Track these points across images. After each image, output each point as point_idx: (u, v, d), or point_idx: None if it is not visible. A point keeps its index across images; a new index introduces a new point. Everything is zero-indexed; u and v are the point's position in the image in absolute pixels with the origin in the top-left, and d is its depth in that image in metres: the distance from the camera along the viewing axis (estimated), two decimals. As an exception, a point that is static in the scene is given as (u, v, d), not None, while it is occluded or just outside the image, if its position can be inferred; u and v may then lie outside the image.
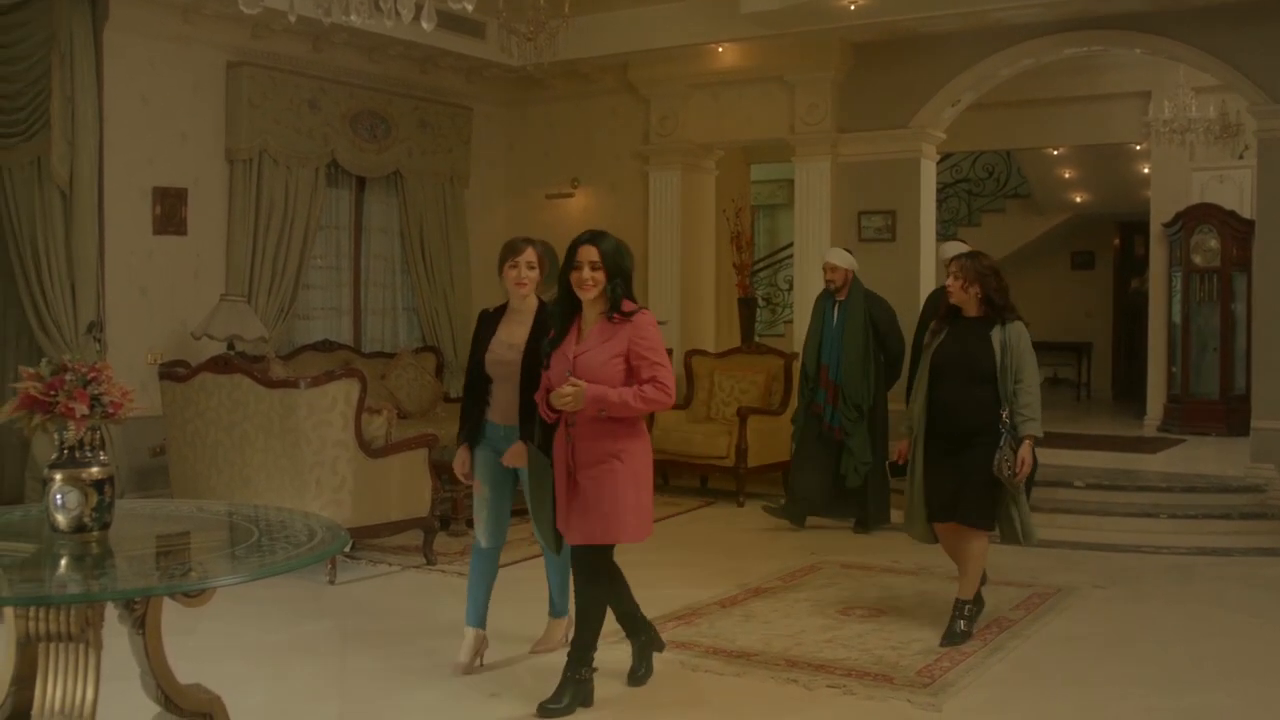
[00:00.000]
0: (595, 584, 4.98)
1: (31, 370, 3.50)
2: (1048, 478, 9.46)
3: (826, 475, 8.79)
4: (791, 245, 12.07)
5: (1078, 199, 16.84)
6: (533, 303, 5.46)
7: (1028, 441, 5.81)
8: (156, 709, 3.70)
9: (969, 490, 5.85)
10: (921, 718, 4.92)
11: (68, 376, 3.47)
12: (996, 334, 5.87)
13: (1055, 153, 15.46)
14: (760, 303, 14.13)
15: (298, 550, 3.59)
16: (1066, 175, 16.33)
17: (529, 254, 5.41)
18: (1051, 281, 17.87)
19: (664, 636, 6.02)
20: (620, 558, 7.58)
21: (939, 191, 12.27)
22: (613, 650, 5.81)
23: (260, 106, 9.73)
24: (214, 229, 9.60)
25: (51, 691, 3.30)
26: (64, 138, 8.46)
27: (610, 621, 5.10)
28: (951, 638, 5.91)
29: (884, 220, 10.60)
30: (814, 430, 8.84)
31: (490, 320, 5.52)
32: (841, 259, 8.88)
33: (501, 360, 5.37)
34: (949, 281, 5.99)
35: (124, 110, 8.93)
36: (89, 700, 3.31)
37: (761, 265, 15.58)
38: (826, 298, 8.93)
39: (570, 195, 12.01)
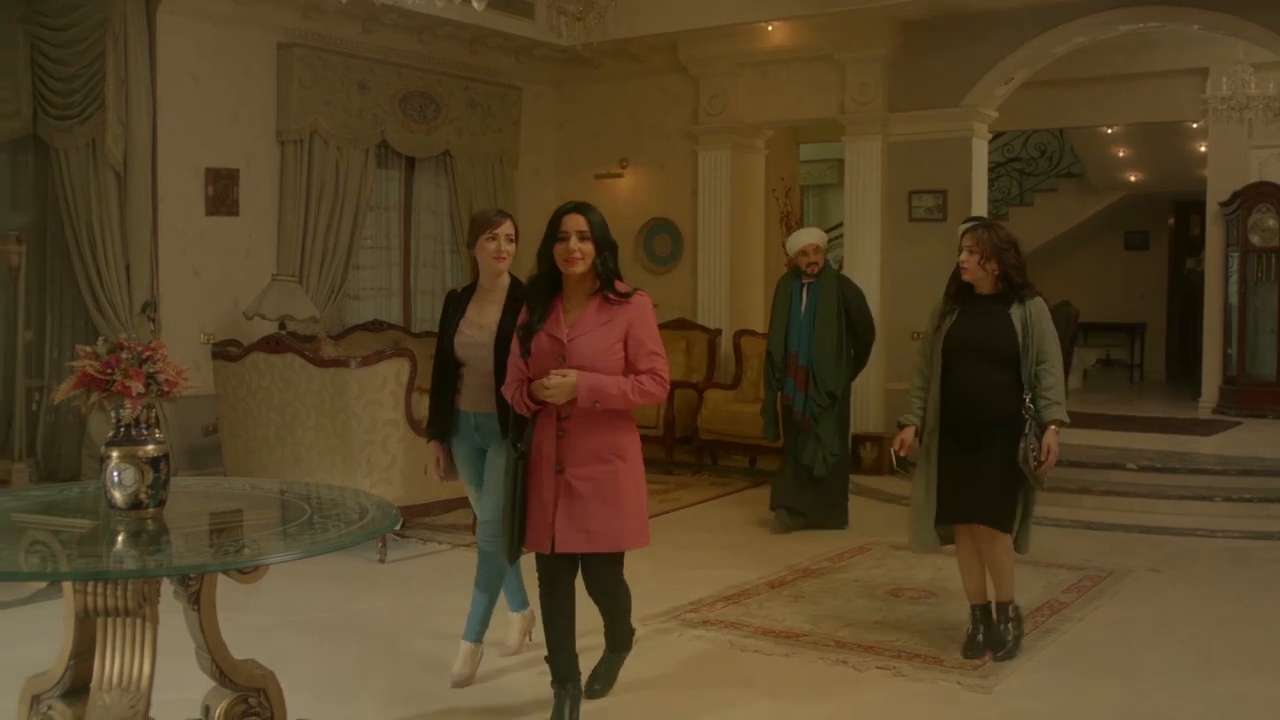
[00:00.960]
0: (619, 595, 4.64)
1: (88, 349, 3.54)
2: (1100, 460, 9.41)
3: (798, 467, 8.19)
4: (841, 225, 12.00)
5: (1132, 178, 16.62)
6: (505, 281, 5.03)
7: (1053, 428, 5.20)
8: (211, 684, 3.74)
9: (992, 487, 5.25)
10: (971, 700, 4.89)
11: (124, 355, 3.50)
12: (1016, 312, 5.28)
13: (1109, 131, 15.25)
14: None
15: (349, 528, 3.61)
16: (1121, 154, 16.12)
17: (508, 226, 4.97)
18: (1105, 262, 17.67)
19: (712, 616, 6.04)
20: (668, 540, 7.60)
21: (990, 171, 12.13)
22: (661, 627, 5.83)
23: (311, 87, 9.78)
24: (265, 209, 9.67)
25: (110, 665, 3.34)
26: (118, 119, 8.55)
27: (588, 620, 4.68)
28: (1003, 648, 5.38)
29: (935, 200, 10.52)
30: (786, 421, 8.26)
31: (459, 300, 5.08)
32: (822, 239, 8.36)
33: (472, 342, 4.93)
34: (962, 256, 5.35)
35: (176, 92, 9.01)
36: (146, 674, 3.36)
37: (811, 245, 15.48)
38: (793, 280, 8.27)
39: (619, 175, 12.00)
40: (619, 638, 4.80)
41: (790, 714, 4.74)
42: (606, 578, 4.52)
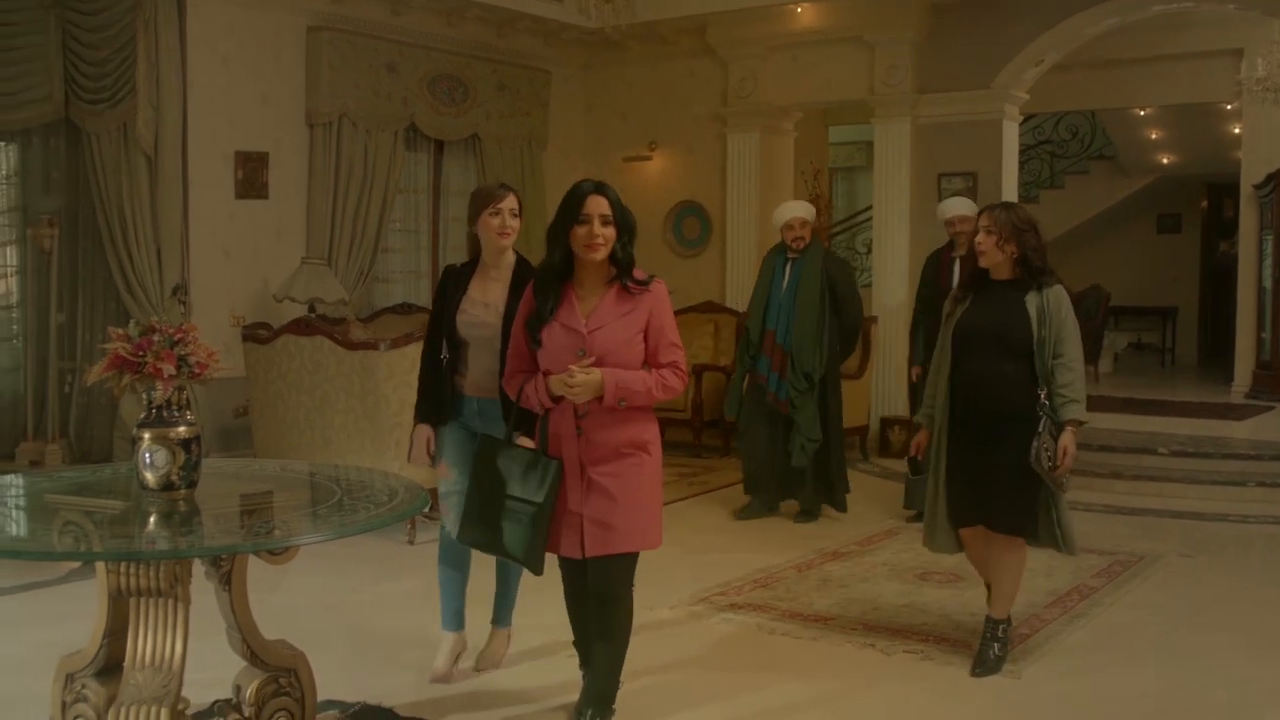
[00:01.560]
0: (626, 601, 4.18)
1: (120, 331, 3.56)
2: (1131, 445, 9.35)
3: (772, 453, 7.77)
4: (870, 208, 11.95)
5: (1164, 160, 16.48)
6: (510, 258, 4.72)
7: (1070, 428, 4.80)
8: (242, 664, 3.77)
9: (1003, 488, 4.85)
10: (1001, 684, 4.87)
11: (155, 337, 3.52)
12: (1033, 300, 4.86)
13: (1142, 113, 15.12)
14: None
15: (378, 510, 3.62)
16: (1153, 136, 15.98)
17: (512, 200, 4.66)
18: (1136, 245, 17.54)
19: (740, 599, 6.04)
20: (695, 523, 7.60)
21: (1021, 153, 12.05)
22: (689, 611, 5.84)
23: (340, 70, 9.79)
24: (295, 192, 9.70)
25: (142, 644, 3.37)
26: (149, 103, 8.59)
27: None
28: (985, 665, 4.96)
29: (964, 182, 10.46)
30: (756, 402, 7.75)
31: (459, 277, 4.75)
32: (809, 212, 7.86)
33: (478, 322, 4.63)
34: (979, 238, 4.93)
35: (206, 75, 9.04)
36: (178, 653, 3.38)
37: (840, 228, 15.47)
38: (778, 254, 7.80)
39: (648, 158, 11.98)
40: (609, 679, 4.17)
41: (818, 697, 4.74)
42: (619, 581, 4.10)
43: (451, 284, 4.74)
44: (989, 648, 5.02)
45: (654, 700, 4.61)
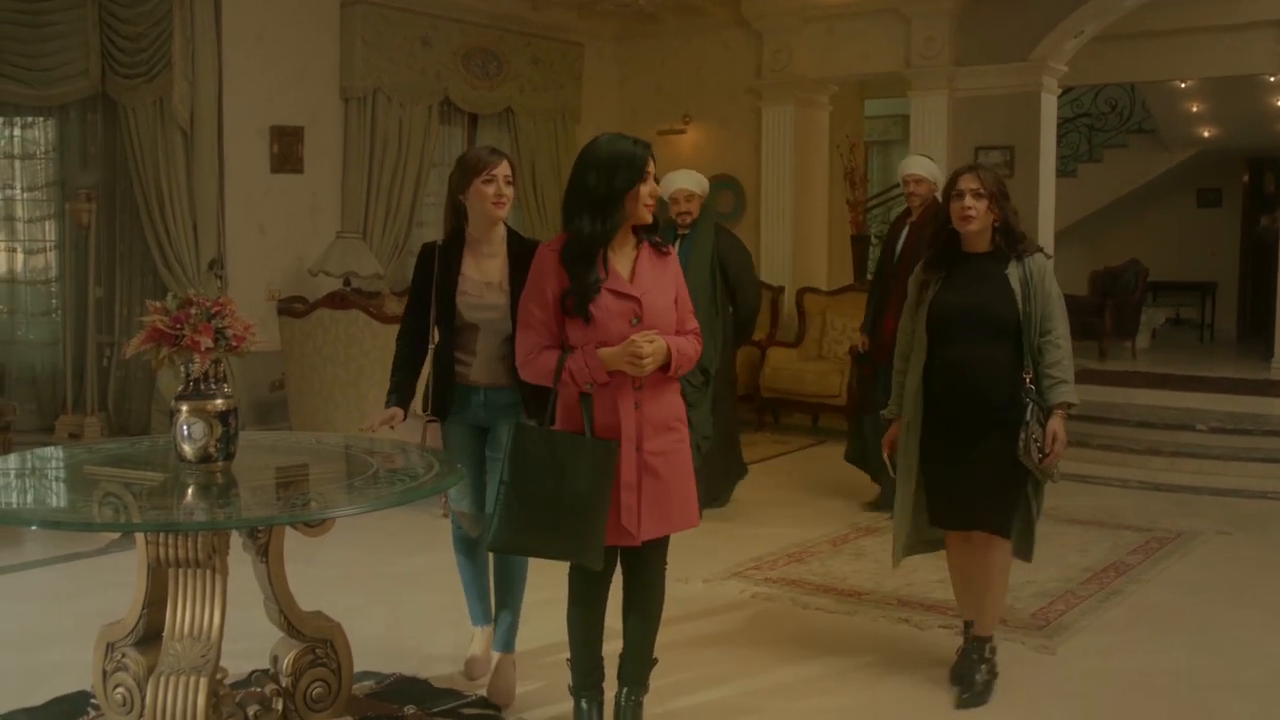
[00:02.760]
0: (663, 580, 4.02)
1: (158, 304, 3.57)
2: (1169, 421, 9.27)
3: None
4: (906, 182, 11.84)
5: (1205, 134, 16.25)
6: (501, 231, 4.33)
7: (1059, 412, 4.34)
8: (279, 634, 3.80)
9: (994, 487, 4.40)
10: (1036, 660, 4.86)
11: (193, 310, 3.53)
12: (1014, 272, 4.36)
13: (1183, 85, 14.90)
14: (873, 240, 13.95)
15: (413, 483, 3.63)
16: (1194, 109, 15.75)
17: (505, 166, 4.23)
18: (1176, 219, 17.33)
19: (774, 574, 6.04)
20: (730, 497, 7.57)
21: (1058, 126, 11.92)
22: (723, 585, 5.84)
23: (374, 45, 9.80)
24: (330, 167, 9.73)
25: (181, 614, 3.40)
26: (185, 78, 8.63)
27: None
28: (972, 692, 4.46)
29: (1002, 156, 10.35)
30: None
31: (446, 254, 4.30)
32: (698, 183, 6.99)
33: (483, 303, 4.23)
34: (968, 202, 4.33)
35: (242, 50, 9.07)
36: (216, 624, 3.41)
37: (875, 202, 15.35)
38: (667, 231, 6.84)
39: (682, 131, 11.93)
40: (644, 655, 4.02)
41: (852, 672, 4.73)
42: (656, 563, 3.95)
43: (440, 262, 4.27)
44: (974, 670, 4.52)
45: (687, 675, 4.61)
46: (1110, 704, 4.45)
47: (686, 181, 6.94)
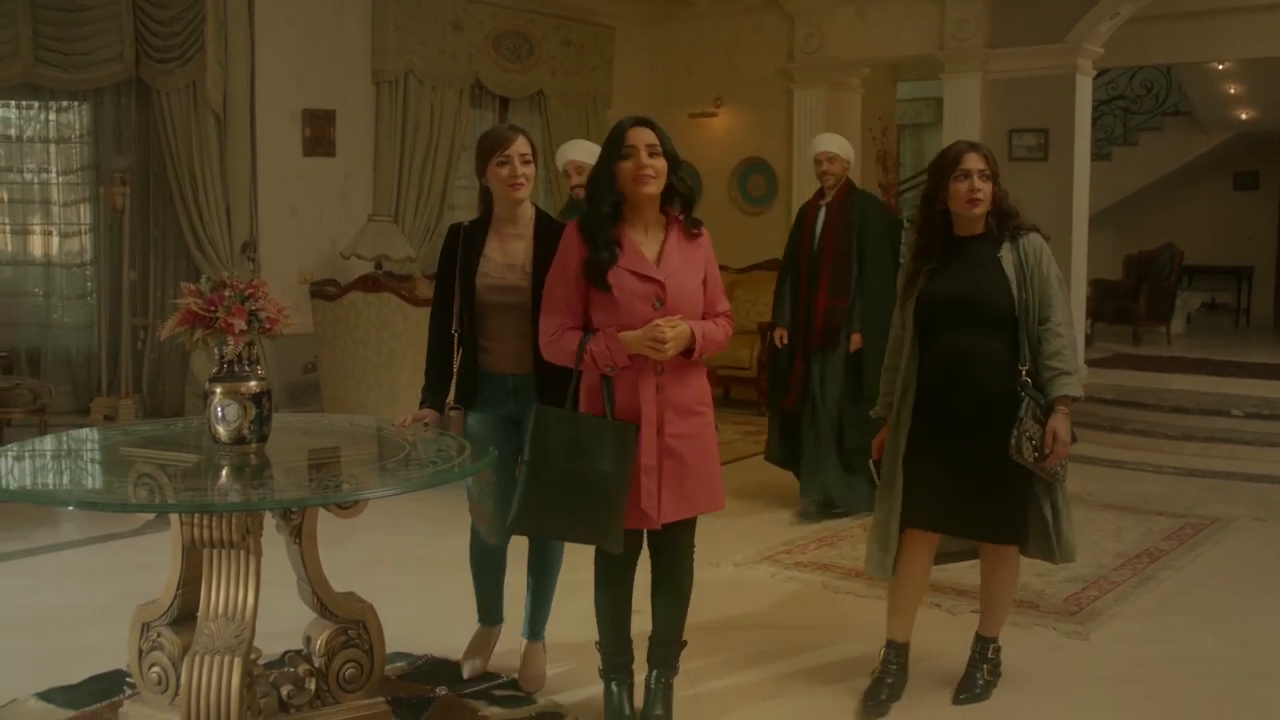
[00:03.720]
0: (691, 562, 4.01)
1: (193, 286, 3.59)
2: (1204, 406, 9.19)
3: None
4: (938, 165, 11.80)
5: (1243, 116, 16.07)
6: (529, 212, 4.15)
7: (1061, 407, 4.02)
8: (312, 615, 3.83)
9: (991, 488, 4.07)
10: (1069, 646, 4.83)
11: (226, 293, 3.55)
12: (1009, 255, 4.05)
13: (1220, 67, 14.73)
14: (905, 224, 13.90)
15: (446, 465, 3.65)
16: (1232, 91, 15.58)
17: (522, 143, 4.04)
18: (1212, 203, 17.17)
19: (805, 558, 6.03)
20: (760, 481, 7.57)
21: (1093, 109, 11.81)
22: (754, 569, 5.84)
23: (405, 28, 9.81)
24: (361, 150, 9.76)
25: (215, 595, 3.43)
26: (217, 61, 8.67)
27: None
28: (971, 692, 4.30)
29: (1036, 139, 10.28)
30: None
31: (471, 236, 4.15)
32: (591, 155, 5.85)
33: (503, 285, 4.07)
34: (976, 183, 4.01)
35: (274, 34, 9.10)
36: (250, 604, 3.43)
37: (907, 186, 15.28)
38: (573, 208, 6.42)
39: (713, 114, 11.90)
40: (674, 638, 4.01)
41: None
42: (683, 547, 3.94)
43: (463, 245, 4.14)
44: (977, 671, 4.34)
45: (718, 658, 4.62)
46: (1144, 690, 4.42)
47: (577, 152, 6.32)
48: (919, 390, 4.11)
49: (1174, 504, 7.21)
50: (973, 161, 4.02)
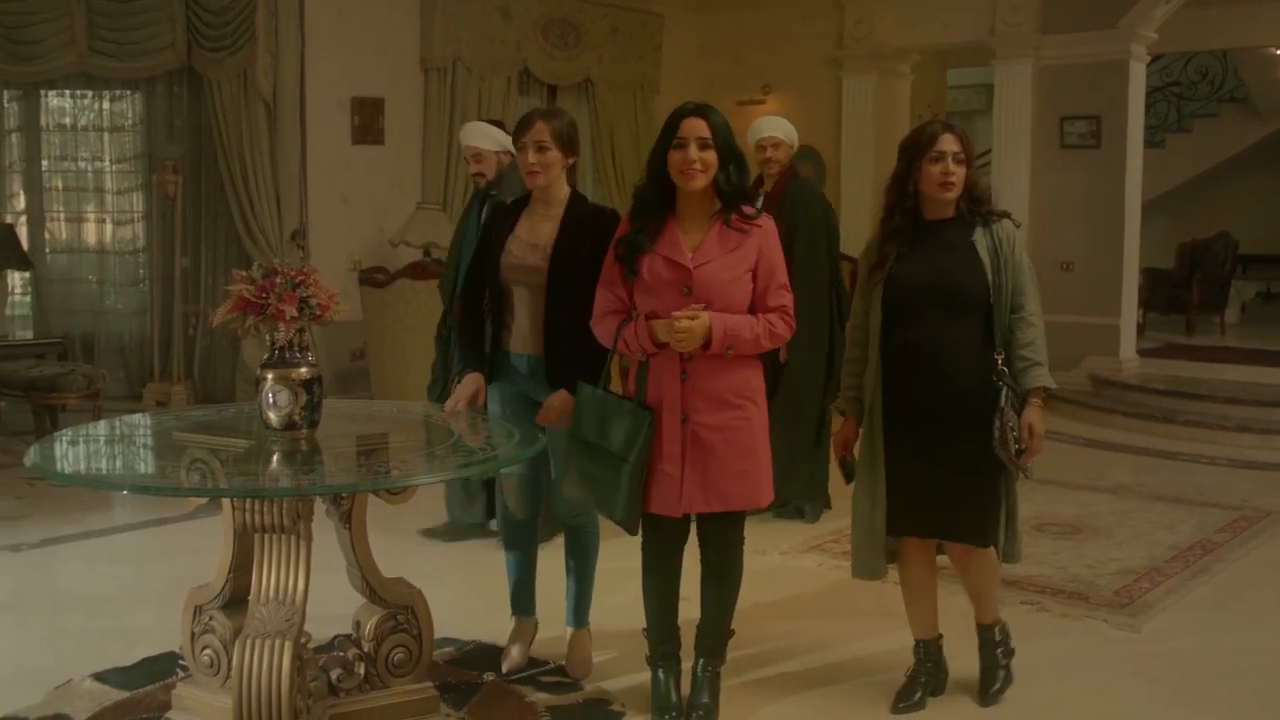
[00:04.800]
0: (738, 553, 3.97)
1: (244, 273, 3.61)
2: (1260, 397, 9.06)
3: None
4: (989, 152, 11.70)
5: (1301, 102, 15.83)
6: (563, 192, 4.13)
7: (1035, 400, 3.84)
8: (362, 600, 3.85)
9: (968, 489, 3.88)
10: (1119, 638, 4.78)
11: (278, 280, 3.57)
12: (982, 240, 3.86)
13: (1278, 52, 14.51)
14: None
15: (495, 452, 3.66)
16: (1289, 77, 15.36)
17: (539, 130, 4.01)
18: (1268, 191, 16.89)
19: (845, 547, 5.98)
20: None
21: (1145, 96, 11.66)
22: (802, 559, 5.82)
23: (454, 16, 9.84)
24: (410, 138, 9.80)
25: (266, 579, 3.45)
26: (268, 50, 8.73)
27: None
28: (996, 686, 4.15)
29: (1088, 126, 10.17)
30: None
31: (508, 214, 4.19)
32: (488, 139, 5.68)
33: (522, 264, 4.06)
34: (950, 166, 3.82)
35: (323, 23, 9.15)
36: (300, 589, 3.46)
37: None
38: (476, 198, 5.82)
39: (762, 102, 11.85)
40: (720, 627, 4.00)
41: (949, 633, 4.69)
42: (728, 540, 3.90)
43: (501, 222, 4.18)
44: (990, 655, 4.16)
45: (764, 647, 4.61)
46: (1195, 685, 4.37)
47: (470, 139, 5.69)
48: (885, 380, 3.93)
49: (1228, 496, 7.11)
50: (948, 143, 3.84)
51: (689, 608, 4.03)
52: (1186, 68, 16.06)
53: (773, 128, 6.30)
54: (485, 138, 5.61)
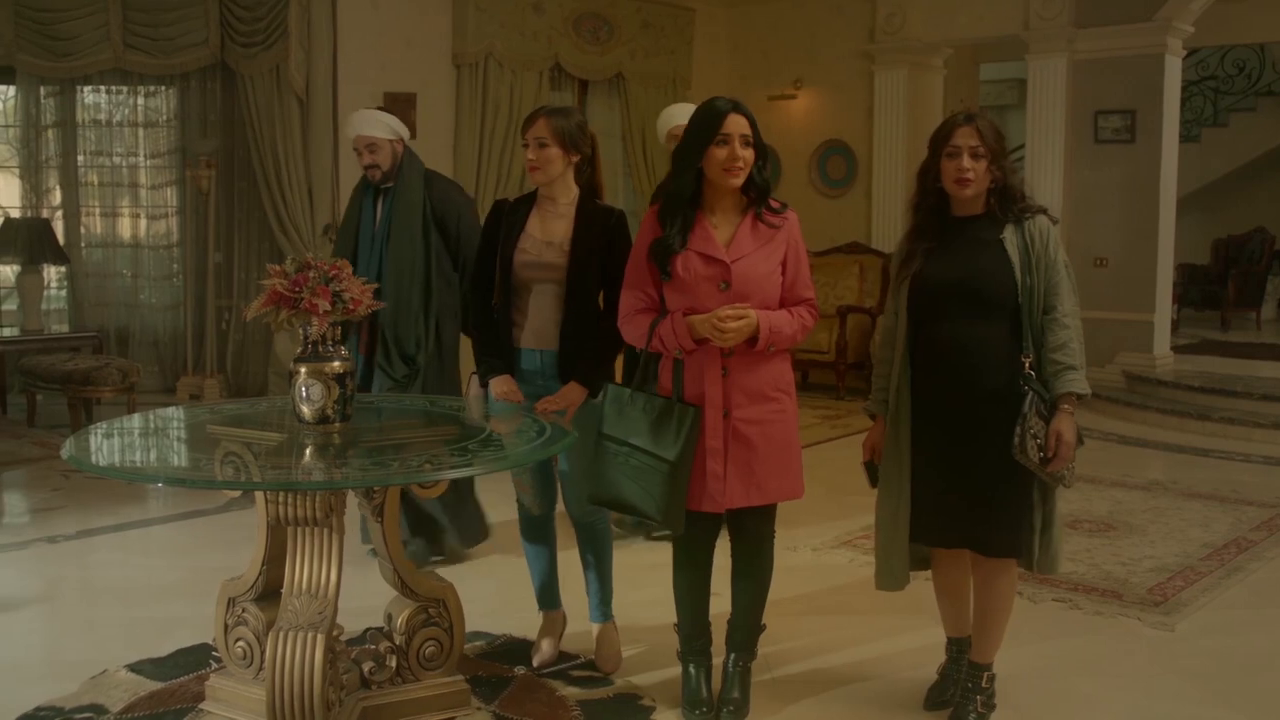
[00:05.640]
0: (769, 547, 3.97)
1: (278, 267, 3.63)
2: (1296, 393, 8.97)
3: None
4: (1022, 148, 11.63)
5: (1339, 96, 15.66)
6: (572, 192, 4.16)
7: (1066, 406, 3.64)
8: (393, 593, 3.86)
9: (995, 497, 3.71)
10: (1153, 637, 4.75)
11: (311, 274, 3.59)
12: (1012, 238, 3.69)
13: (1316, 46, 14.38)
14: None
15: (526, 446, 3.66)
16: (1328, 70, 15.20)
17: (539, 127, 4.03)
18: (1306, 186, 16.73)
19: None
20: (840, 466, 7.51)
21: (1182, 90, 11.56)
22: (832, 554, 5.81)
23: (486, 10, 9.85)
24: (442, 133, 9.81)
25: (299, 572, 3.47)
26: (300, 45, 8.77)
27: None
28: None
29: (1122, 120, 10.09)
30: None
31: (515, 212, 4.20)
32: (381, 126, 5.29)
33: (538, 262, 4.09)
34: (965, 162, 3.65)
35: (356, 18, 9.17)
36: (333, 582, 3.48)
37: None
38: (365, 189, 5.47)
39: (793, 97, 11.82)
40: (752, 622, 4.00)
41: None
42: (761, 534, 3.91)
43: (509, 220, 4.17)
44: (969, 703, 3.91)
45: (796, 643, 4.60)
46: (1229, 684, 4.33)
47: (360, 127, 5.31)
48: (913, 380, 3.80)
49: (1264, 493, 7.05)
50: (963, 137, 3.67)
51: (719, 603, 4.03)
52: (1223, 61, 15.90)
53: (686, 115, 5.98)
54: (379, 125, 5.29)
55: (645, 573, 4.70)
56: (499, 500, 6.60)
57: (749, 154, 3.64)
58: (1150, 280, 10.20)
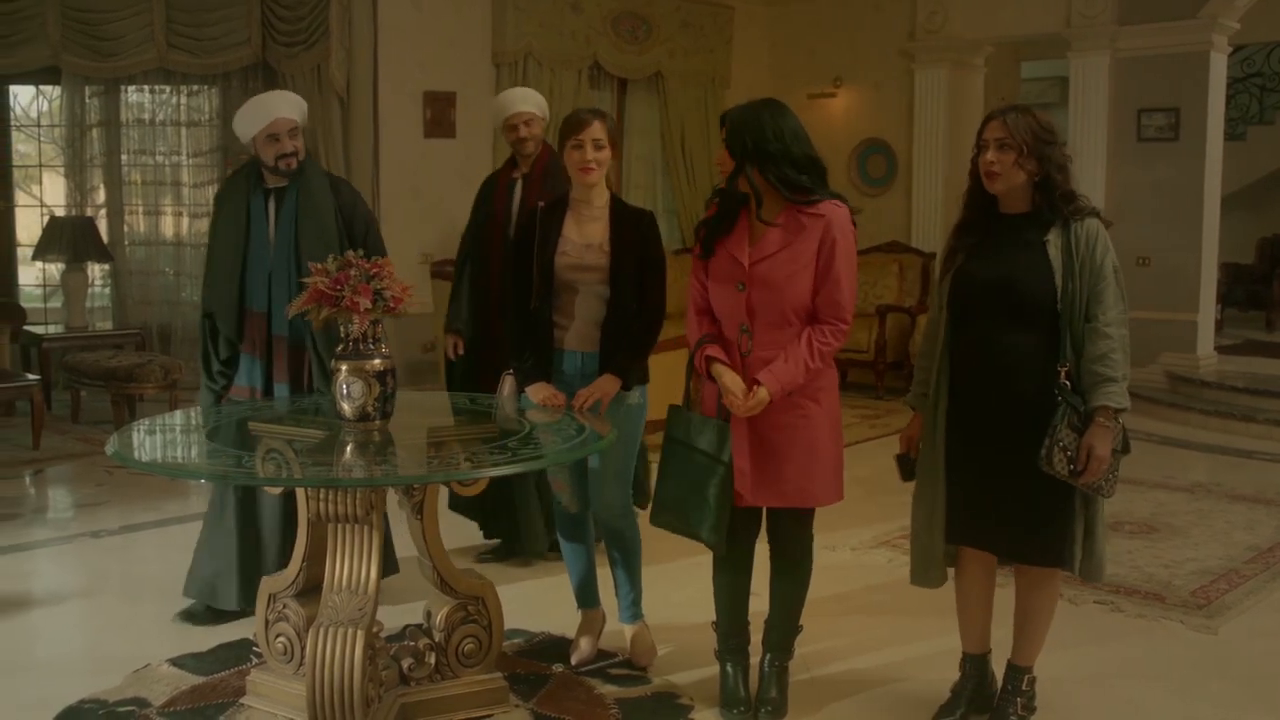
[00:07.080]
0: (806, 548, 3.97)
1: (319, 265, 3.66)
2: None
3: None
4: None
5: (1388, 93, 15.44)
6: (604, 196, 4.21)
7: (1101, 420, 3.49)
8: (433, 590, 3.88)
9: (1038, 507, 3.62)
10: (1196, 640, 4.70)
11: (352, 272, 3.61)
12: (1056, 240, 3.56)
13: (1363, 43, 14.18)
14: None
15: (564, 444, 3.67)
16: (1376, 67, 14.98)
17: (597, 128, 4.07)
18: (1353, 184, 16.51)
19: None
20: (879, 465, 7.49)
21: (1227, 87, 11.43)
22: (872, 555, 5.78)
23: (525, 10, 9.88)
24: (481, 131, 9.84)
25: (340, 568, 3.50)
26: (341, 45, 8.84)
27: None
28: None
29: (1166, 119, 9.99)
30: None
31: (549, 216, 4.20)
32: (301, 111, 4.79)
33: (581, 264, 4.12)
34: (988, 155, 3.59)
35: (396, 17, 9.22)
36: (372, 578, 3.50)
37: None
38: (253, 189, 4.78)
39: (833, 95, 11.78)
40: (788, 624, 4.00)
41: (1002, 646, 4.64)
42: (795, 537, 3.91)
43: (540, 225, 4.18)
44: (1009, 706, 3.87)
45: (833, 643, 4.59)
46: (1273, 688, 4.28)
47: (289, 109, 4.75)
48: (954, 381, 3.72)
49: (1309, 496, 6.97)
50: (991, 130, 3.60)
51: (758, 602, 4.02)
52: (1270, 58, 15.71)
53: (524, 102, 5.55)
54: (300, 109, 4.79)
55: (680, 572, 4.70)
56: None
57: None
58: (1194, 280, 10.10)
